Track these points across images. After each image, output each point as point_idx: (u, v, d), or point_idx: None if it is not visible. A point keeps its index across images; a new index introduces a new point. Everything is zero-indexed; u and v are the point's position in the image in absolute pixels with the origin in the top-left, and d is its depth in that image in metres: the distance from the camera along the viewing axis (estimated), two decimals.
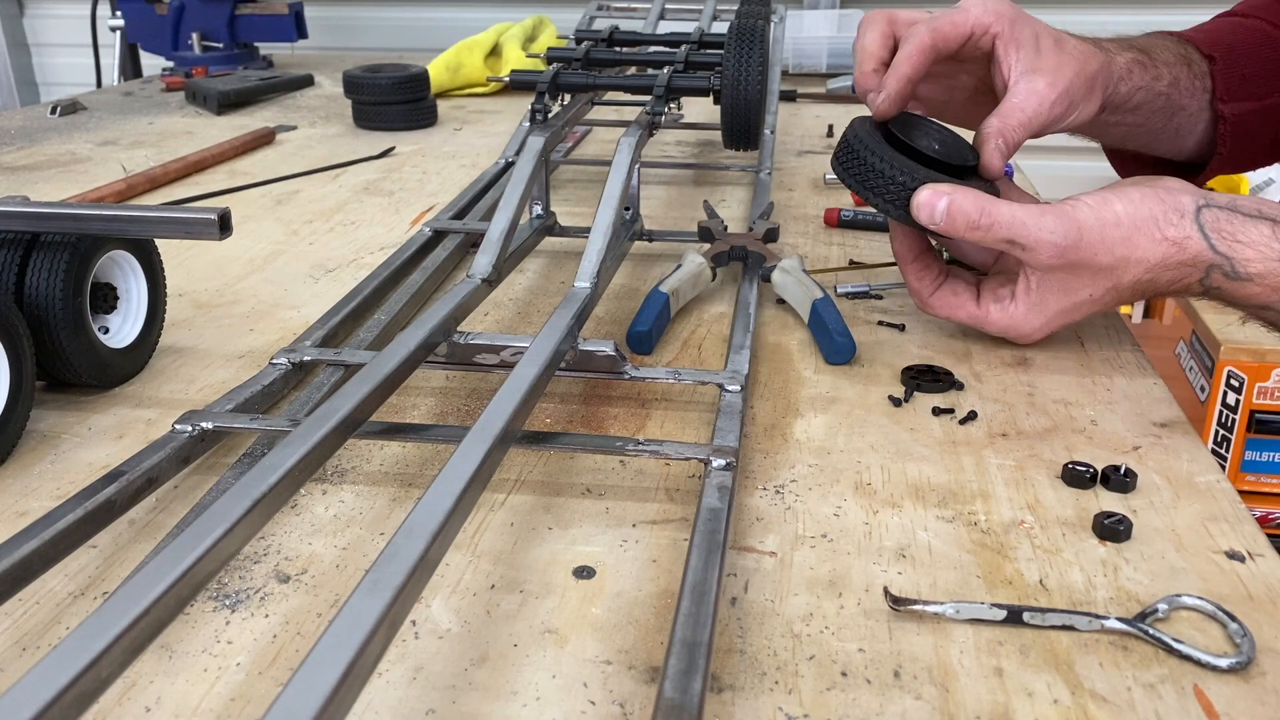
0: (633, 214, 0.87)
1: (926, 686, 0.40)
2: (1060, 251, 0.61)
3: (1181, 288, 0.62)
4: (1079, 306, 0.64)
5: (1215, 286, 0.61)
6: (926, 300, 0.69)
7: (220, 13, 1.81)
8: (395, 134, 1.33)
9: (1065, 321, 0.66)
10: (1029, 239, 0.61)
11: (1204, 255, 0.60)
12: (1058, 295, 0.64)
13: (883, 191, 0.63)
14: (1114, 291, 0.63)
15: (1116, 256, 0.61)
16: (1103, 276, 0.62)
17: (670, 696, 0.35)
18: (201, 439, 0.54)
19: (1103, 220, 0.61)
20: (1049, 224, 0.60)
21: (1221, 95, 0.75)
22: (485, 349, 0.60)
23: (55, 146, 1.28)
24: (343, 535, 0.50)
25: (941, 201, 0.61)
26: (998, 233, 0.61)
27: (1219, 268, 0.60)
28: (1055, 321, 0.66)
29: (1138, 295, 0.63)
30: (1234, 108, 0.75)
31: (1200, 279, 0.60)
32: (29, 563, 0.42)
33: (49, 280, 0.59)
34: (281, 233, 0.95)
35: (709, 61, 0.90)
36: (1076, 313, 0.65)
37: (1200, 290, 0.61)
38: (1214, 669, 0.41)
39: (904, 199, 0.63)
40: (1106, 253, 0.61)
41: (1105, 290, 0.63)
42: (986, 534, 0.50)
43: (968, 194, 0.61)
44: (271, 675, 0.41)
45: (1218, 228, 0.60)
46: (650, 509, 0.52)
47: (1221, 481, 0.54)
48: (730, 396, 0.58)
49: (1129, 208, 0.61)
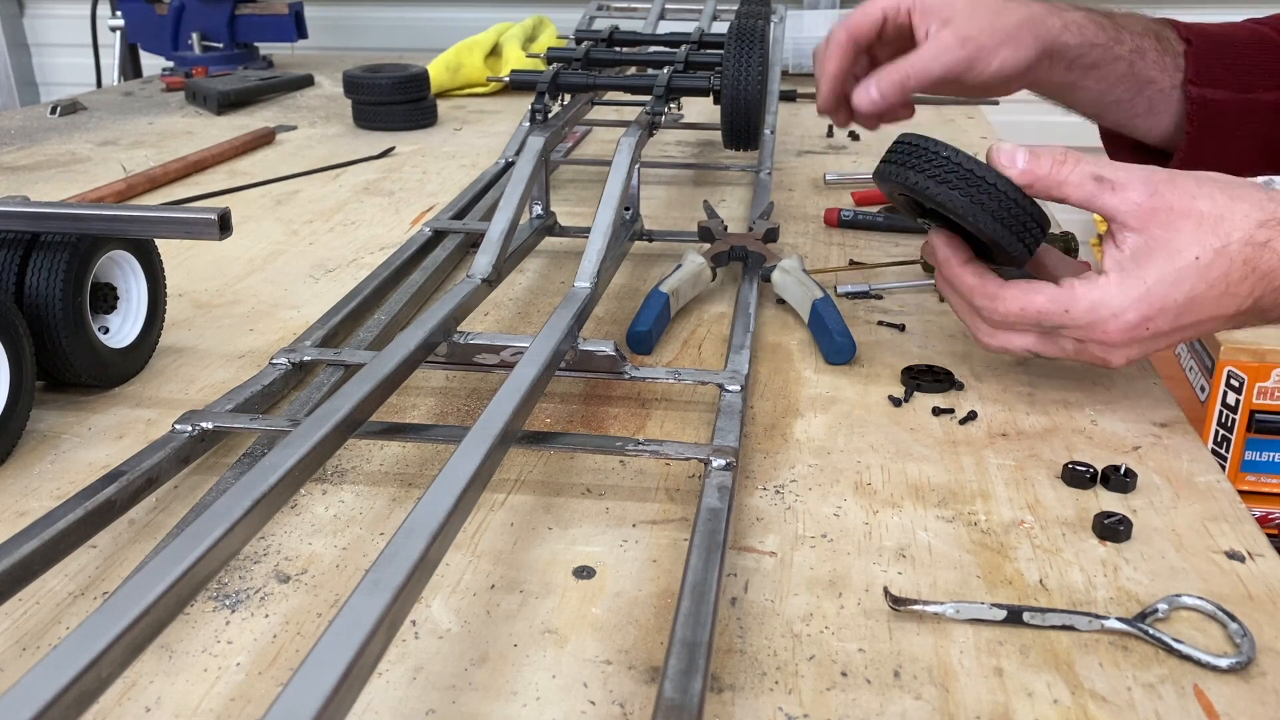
0: (633, 214, 0.87)
1: (926, 686, 0.40)
2: (1154, 187, 0.54)
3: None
4: (1183, 275, 0.53)
5: None
6: (996, 293, 0.58)
7: (220, 13, 1.81)
8: (395, 134, 1.33)
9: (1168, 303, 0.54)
10: (1118, 174, 0.55)
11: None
12: (1156, 258, 0.54)
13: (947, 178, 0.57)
14: (1224, 256, 0.53)
15: (1218, 202, 0.53)
16: (1208, 228, 0.53)
17: (670, 696, 0.35)
18: (201, 439, 0.54)
19: (1196, 174, 0.55)
20: (1137, 166, 0.56)
21: (1193, 78, 0.74)
22: (485, 349, 0.60)
23: (55, 146, 1.27)
24: (343, 535, 0.50)
25: (1021, 149, 0.57)
26: (1085, 167, 0.55)
27: None
28: (1156, 297, 0.54)
29: (1251, 277, 0.53)
30: (1205, 92, 0.74)
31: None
32: (29, 563, 0.42)
33: (49, 280, 0.59)
34: (281, 233, 0.95)
35: (709, 61, 0.90)
36: (1180, 286, 0.54)
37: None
38: (1214, 669, 0.41)
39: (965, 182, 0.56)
40: (1206, 197, 0.54)
41: (1214, 252, 0.53)
42: (986, 534, 0.50)
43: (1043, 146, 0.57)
44: (271, 675, 0.41)
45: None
46: (650, 509, 0.52)
47: (1221, 481, 0.54)
48: (730, 396, 0.58)
49: (1219, 175, 0.56)
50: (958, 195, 0.56)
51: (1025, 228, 0.57)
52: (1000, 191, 0.56)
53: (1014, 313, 0.58)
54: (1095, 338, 0.56)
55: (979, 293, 0.59)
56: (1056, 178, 0.56)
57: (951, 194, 0.57)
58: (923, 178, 0.57)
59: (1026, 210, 0.57)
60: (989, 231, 0.57)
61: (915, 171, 0.58)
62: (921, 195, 0.58)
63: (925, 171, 0.57)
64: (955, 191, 0.57)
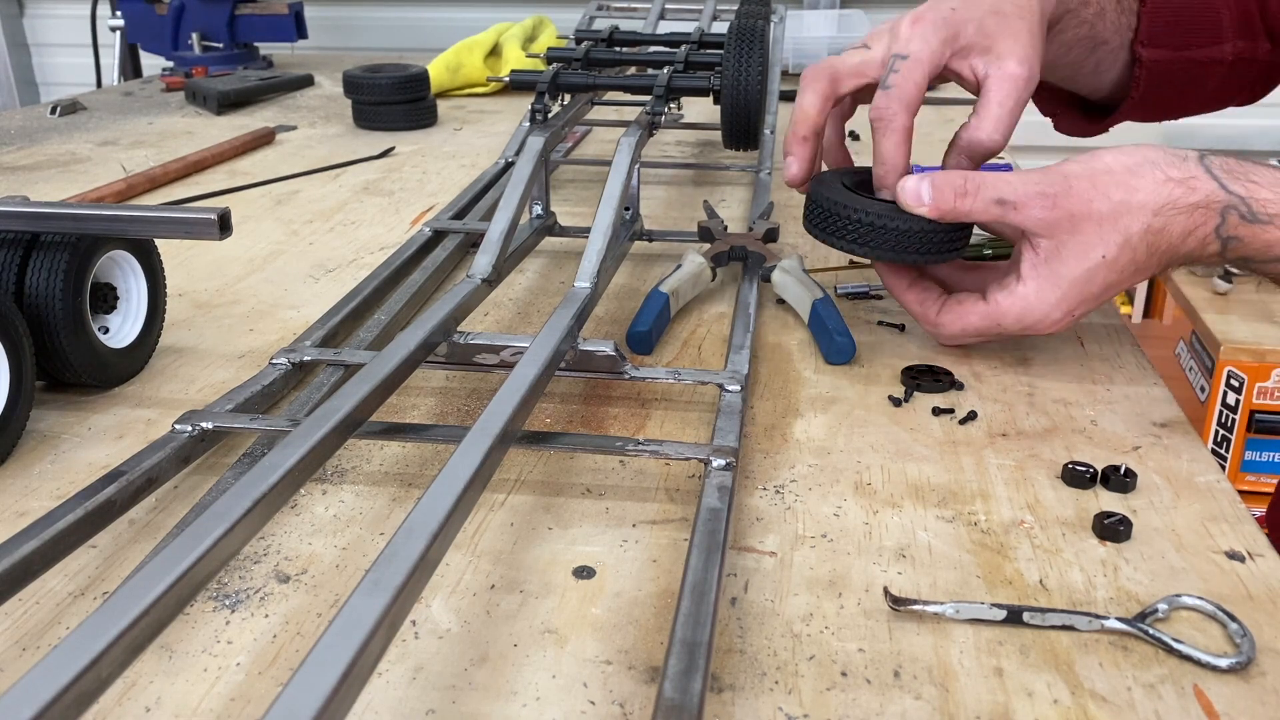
0: (633, 214, 0.87)
1: (926, 686, 0.41)
2: (1051, 201, 0.59)
3: (1199, 242, 0.58)
4: (1094, 273, 0.59)
5: (1233, 236, 0.57)
6: (935, 320, 0.66)
7: (220, 13, 1.81)
8: (395, 134, 1.33)
9: (1086, 295, 0.60)
10: (1017, 195, 0.59)
11: (1216, 196, 0.57)
12: (1068, 261, 0.60)
13: (865, 238, 0.64)
14: (1128, 248, 0.58)
15: (1115, 201, 0.58)
16: (1108, 227, 0.58)
17: (670, 696, 0.35)
18: (201, 439, 0.54)
19: (1092, 169, 0.59)
20: (1034, 177, 0.60)
21: (1143, 38, 0.74)
22: (485, 349, 0.60)
23: (55, 146, 1.28)
24: (343, 535, 0.50)
25: (924, 183, 0.62)
26: (985, 194, 0.60)
27: (1234, 208, 0.57)
28: (1074, 295, 0.60)
29: (1156, 254, 0.59)
30: (1152, 53, 0.74)
31: (1216, 227, 0.57)
32: (29, 563, 0.42)
33: (49, 280, 0.59)
34: (281, 233, 0.95)
35: (709, 61, 0.90)
36: (1094, 281, 0.60)
37: (1218, 246, 0.58)
38: (1214, 669, 0.41)
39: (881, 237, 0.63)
40: (1103, 198, 0.58)
41: (1118, 247, 0.58)
42: (986, 534, 0.50)
43: (946, 171, 0.62)
44: (271, 675, 0.41)
45: (1226, 169, 0.58)
46: (650, 509, 0.52)
47: (1221, 481, 0.54)
48: (730, 396, 0.58)
49: (1119, 157, 0.59)
50: (882, 250, 0.64)
51: (949, 243, 0.64)
52: (915, 232, 0.63)
53: (955, 334, 0.66)
54: (1029, 332, 0.64)
55: (922, 319, 0.68)
56: (961, 209, 0.61)
57: (876, 250, 0.64)
58: (846, 243, 0.65)
59: (943, 232, 0.63)
60: (919, 263, 0.65)
61: (838, 238, 0.65)
62: (853, 254, 0.66)
63: (847, 237, 0.65)
64: (879, 248, 0.64)
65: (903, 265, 0.67)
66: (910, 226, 0.63)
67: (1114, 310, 0.75)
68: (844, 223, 0.65)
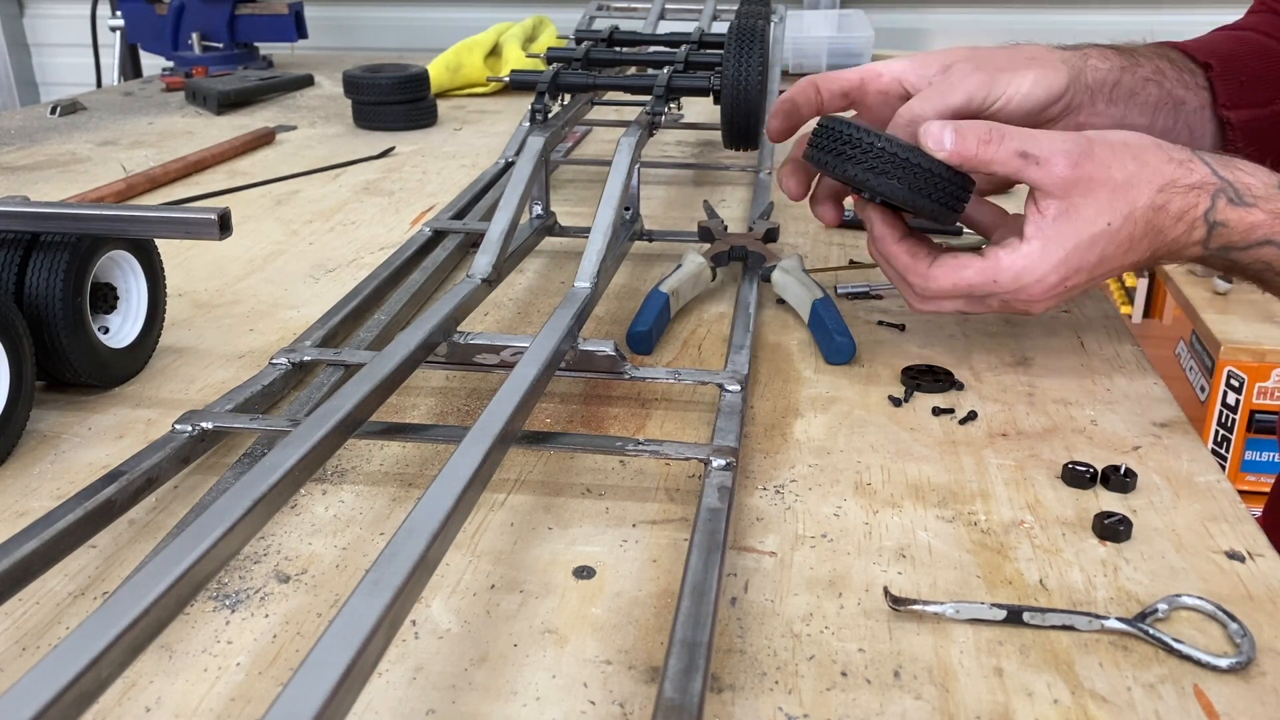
0: (633, 214, 0.87)
1: (926, 686, 0.41)
2: (1075, 160, 0.58)
3: (1187, 226, 0.59)
4: (1097, 240, 0.59)
5: (1220, 221, 0.59)
6: (926, 273, 0.62)
7: (220, 13, 1.81)
8: (395, 134, 1.33)
9: (1083, 263, 0.60)
10: (1042, 148, 0.59)
11: (1209, 180, 0.59)
12: (1075, 223, 0.59)
13: (879, 167, 0.60)
14: (1130, 221, 0.59)
15: (1129, 171, 0.59)
16: (1119, 196, 0.59)
17: (670, 696, 0.35)
18: (201, 439, 0.54)
19: (1110, 140, 0.60)
20: (1059, 135, 0.60)
21: (1224, 102, 0.74)
22: (485, 349, 0.60)
23: (55, 146, 1.28)
24: (343, 535, 0.50)
25: (948, 128, 0.60)
26: (1010, 144, 0.59)
27: (1224, 192, 0.59)
28: (1074, 260, 0.59)
29: (1150, 234, 0.59)
30: (1239, 114, 0.75)
31: (1206, 211, 0.59)
32: (29, 563, 0.42)
33: (49, 280, 0.59)
34: (281, 233, 0.95)
35: (709, 61, 0.90)
36: (1094, 249, 0.59)
37: (1204, 233, 0.59)
38: (1214, 669, 0.41)
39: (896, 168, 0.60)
40: (1120, 166, 0.59)
41: (1123, 218, 0.59)
42: (986, 534, 0.50)
43: (972, 121, 0.60)
44: (271, 675, 0.41)
45: (1217, 159, 0.60)
46: (650, 509, 0.52)
47: (1221, 481, 0.54)
48: (730, 396, 0.58)
49: (1131, 136, 0.61)
50: (896, 184, 0.60)
51: (958, 199, 0.61)
52: (935, 175, 0.60)
53: (946, 288, 0.62)
54: (1020, 298, 0.61)
55: (912, 271, 0.63)
56: (984, 156, 0.60)
57: (890, 184, 0.60)
58: (860, 170, 0.60)
59: (958, 184, 0.61)
60: (927, 210, 0.61)
61: (852, 164, 0.61)
62: (862, 186, 0.62)
63: (862, 164, 0.60)
64: (894, 181, 0.60)
65: (895, 216, 0.65)
66: (928, 165, 0.60)
67: (1114, 310, 0.75)
68: (860, 148, 0.60)
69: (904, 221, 0.66)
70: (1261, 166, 0.61)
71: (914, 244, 0.64)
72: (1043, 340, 0.70)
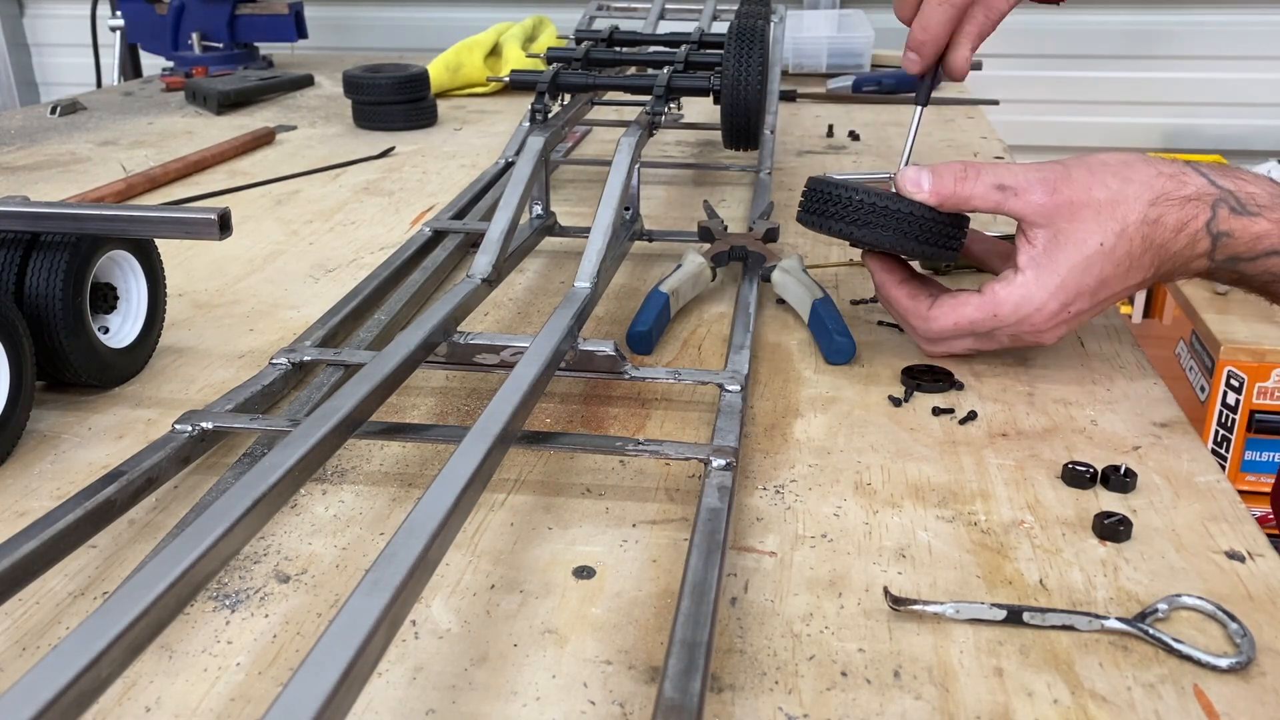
0: (633, 214, 0.87)
1: (926, 686, 0.41)
2: (1051, 186, 0.59)
3: (1190, 239, 0.59)
4: (1091, 261, 0.59)
5: (1224, 231, 0.58)
6: (927, 314, 0.64)
7: (220, 13, 1.81)
8: (395, 134, 1.33)
9: (1082, 286, 0.60)
10: (1017, 180, 0.60)
11: (1207, 189, 0.59)
12: (1065, 248, 0.60)
13: (864, 219, 0.63)
14: (1124, 238, 0.59)
15: (1112, 190, 0.59)
16: (1106, 215, 0.59)
17: (670, 696, 0.35)
18: (201, 439, 0.54)
19: (1088, 162, 0.61)
20: (1033, 167, 0.61)
21: None
22: (485, 349, 0.60)
23: (55, 146, 1.27)
24: (343, 535, 0.50)
25: (923, 171, 0.62)
26: (986, 179, 0.61)
27: (1224, 201, 0.58)
28: (1071, 284, 0.60)
29: (1151, 249, 0.59)
30: None
31: (1208, 222, 0.58)
32: (29, 563, 0.42)
33: (49, 280, 0.59)
34: (281, 233, 0.95)
35: (709, 61, 0.90)
36: (1090, 272, 0.60)
37: (1208, 244, 0.59)
38: (1214, 669, 0.41)
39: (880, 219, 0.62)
40: (1101, 186, 0.59)
41: (1115, 236, 0.59)
42: (986, 534, 0.50)
43: (945, 162, 0.63)
44: (271, 675, 0.41)
45: (1212, 169, 0.60)
46: (650, 509, 0.52)
47: (1221, 481, 0.54)
48: (730, 396, 0.58)
49: (1113, 156, 0.61)
50: (880, 233, 0.63)
51: (947, 237, 0.63)
52: (916, 217, 0.62)
53: (948, 329, 0.64)
54: (1025, 330, 0.62)
55: (913, 314, 0.65)
56: (962, 194, 0.62)
57: (875, 233, 0.63)
58: (845, 225, 0.64)
59: (943, 222, 0.63)
60: (916, 253, 0.64)
61: (836, 220, 0.64)
62: (851, 241, 0.65)
63: (845, 219, 0.63)
64: (878, 230, 0.63)
65: (894, 261, 0.67)
66: (911, 210, 0.62)
67: (1114, 310, 0.75)
68: (842, 205, 0.63)
69: (905, 266, 0.68)
70: (1264, 177, 0.60)
71: (914, 287, 0.66)
72: None
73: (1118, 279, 0.60)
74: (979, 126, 1.36)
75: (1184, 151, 2.18)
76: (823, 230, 0.65)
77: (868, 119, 1.40)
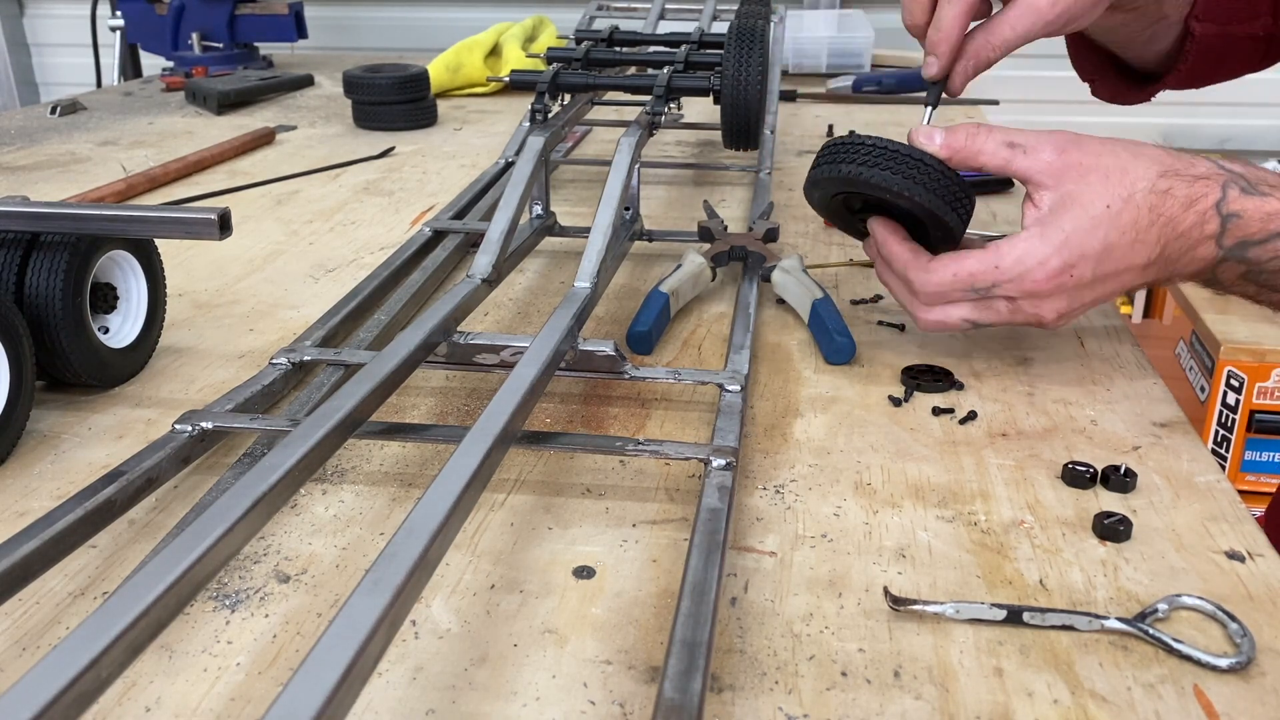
0: (633, 214, 0.87)
1: (926, 686, 0.40)
2: (1061, 146, 0.60)
3: (1199, 217, 0.58)
4: (1097, 224, 0.58)
5: (1234, 212, 0.58)
6: (928, 265, 0.62)
7: (220, 13, 1.81)
8: (395, 134, 1.33)
9: (1086, 249, 0.59)
10: (1028, 138, 0.61)
11: (1216, 172, 0.59)
12: (1072, 209, 0.59)
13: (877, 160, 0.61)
14: (1131, 204, 0.58)
15: (1122, 158, 0.59)
16: (1115, 179, 0.59)
17: (670, 696, 0.35)
18: (201, 439, 0.54)
19: (1100, 137, 0.62)
20: (1046, 130, 0.62)
21: (1197, 14, 0.75)
22: (485, 349, 0.60)
23: (55, 146, 1.28)
24: (343, 535, 0.50)
25: (937, 129, 0.63)
26: (997, 135, 0.61)
27: (1234, 183, 0.58)
28: (1075, 245, 0.59)
29: (1158, 222, 0.58)
30: (1204, 27, 0.76)
31: (1217, 202, 0.58)
32: (29, 563, 0.42)
33: (49, 280, 0.59)
34: (281, 233, 0.95)
35: (709, 61, 0.90)
36: (1095, 234, 0.58)
37: (1217, 226, 0.58)
38: (1214, 669, 0.41)
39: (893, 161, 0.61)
40: (1110, 154, 0.60)
41: (1122, 201, 0.58)
42: (986, 534, 0.50)
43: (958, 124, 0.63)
44: (271, 675, 0.41)
45: (1221, 157, 0.61)
46: (650, 509, 0.52)
47: (1221, 481, 0.54)
48: (730, 396, 0.58)
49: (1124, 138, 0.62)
50: (890, 174, 0.61)
51: (956, 198, 0.62)
52: (928, 165, 0.61)
53: (947, 280, 0.61)
54: (1025, 289, 0.60)
55: (913, 266, 0.63)
56: (973, 148, 0.62)
57: (885, 174, 0.61)
58: (855, 166, 0.62)
59: (954, 181, 0.62)
60: (924, 202, 0.61)
61: (848, 164, 0.62)
62: (859, 183, 0.62)
63: (857, 161, 0.62)
64: (888, 171, 0.61)
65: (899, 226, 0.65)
66: (921, 157, 0.61)
67: (1114, 310, 0.75)
68: (854, 149, 0.62)
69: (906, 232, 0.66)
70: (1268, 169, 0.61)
71: (915, 245, 0.64)
72: (1043, 340, 0.70)
73: (1123, 249, 0.59)
74: None
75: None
76: (834, 176, 0.63)
77: (868, 119, 1.40)
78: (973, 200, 0.63)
